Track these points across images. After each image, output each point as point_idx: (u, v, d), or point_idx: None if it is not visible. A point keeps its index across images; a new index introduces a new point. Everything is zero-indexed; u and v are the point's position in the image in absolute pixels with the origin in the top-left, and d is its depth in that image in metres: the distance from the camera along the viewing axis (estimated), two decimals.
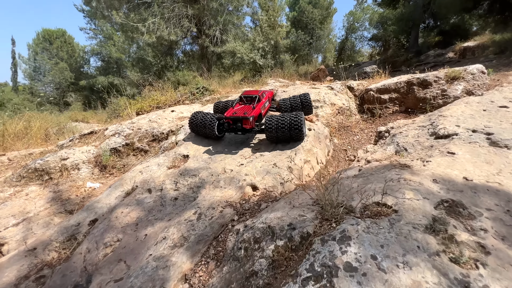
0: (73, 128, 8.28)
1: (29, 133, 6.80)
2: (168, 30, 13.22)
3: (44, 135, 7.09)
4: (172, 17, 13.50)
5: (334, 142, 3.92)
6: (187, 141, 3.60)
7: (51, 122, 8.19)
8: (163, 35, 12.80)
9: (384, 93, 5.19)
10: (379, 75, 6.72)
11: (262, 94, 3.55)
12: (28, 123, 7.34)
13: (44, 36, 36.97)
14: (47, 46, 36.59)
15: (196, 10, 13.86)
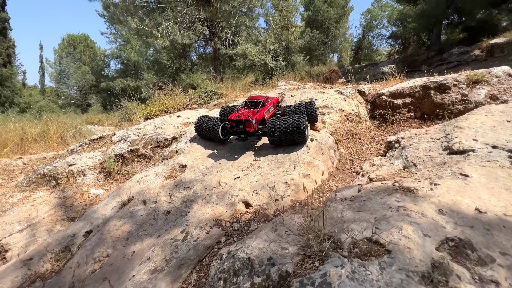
0: (87, 131, 8.57)
1: (45, 137, 7.08)
2: (181, 33, 13.40)
3: (60, 138, 7.37)
4: (185, 20, 13.67)
5: (340, 151, 3.71)
6: (188, 149, 3.54)
7: (67, 125, 8.53)
8: (176, 38, 12.99)
9: (398, 97, 4.87)
10: (394, 77, 6.36)
11: (267, 100, 3.57)
12: (46, 127, 7.66)
13: (68, 41, 38.99)
14: (71, 50, 38.56)
15: (208, 13, 13.95)
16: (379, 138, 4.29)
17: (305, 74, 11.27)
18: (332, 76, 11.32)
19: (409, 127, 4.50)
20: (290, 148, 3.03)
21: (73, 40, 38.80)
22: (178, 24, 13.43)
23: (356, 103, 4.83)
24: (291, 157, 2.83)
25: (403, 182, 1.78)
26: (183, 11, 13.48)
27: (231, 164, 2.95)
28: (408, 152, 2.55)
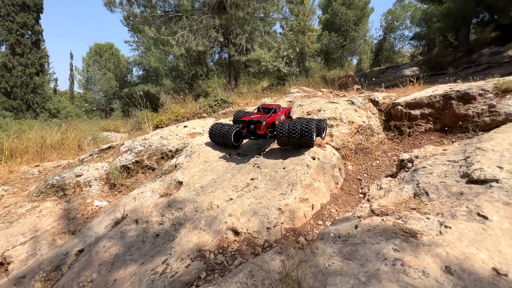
0: (103, 138, 8.88)
1: (64, 144, 7.39)
2: (196, 41, 13.64)
3: (77, 145, 7.66)
4: (200, 28, 13.91)
5: (347, 168, 3.44)
6: (186, 164, 3.46)
7: (84, 133, 8.89)
8: (191, 46, 13.25)
9: (415, 108, 4.49)
10: (412, 84, 5.92)
11: (278, 108, 3.79)
12: (65, 134, 8.01)
13: (95, 49, 41.41)
14: (98, 58, 40.90)
15: (223, 20, 14.10)
16: (393, 153, 3.95)
17: (319, 80, 10.95)
18: (348, 81, 10.91)
19: (428, 141, 4.12)
20: (291, 165, 2.84)
21: (100, 49, 41.15)
22: (193, 32, 13.71)
23: (368, 114, 4.51)
24: (290, 177, 2.63)
25: (407, 219, 1.53)
26: (198, 19, 13.75)
27: (227, 183, 2.81)
28: (420, 177, 2.26)
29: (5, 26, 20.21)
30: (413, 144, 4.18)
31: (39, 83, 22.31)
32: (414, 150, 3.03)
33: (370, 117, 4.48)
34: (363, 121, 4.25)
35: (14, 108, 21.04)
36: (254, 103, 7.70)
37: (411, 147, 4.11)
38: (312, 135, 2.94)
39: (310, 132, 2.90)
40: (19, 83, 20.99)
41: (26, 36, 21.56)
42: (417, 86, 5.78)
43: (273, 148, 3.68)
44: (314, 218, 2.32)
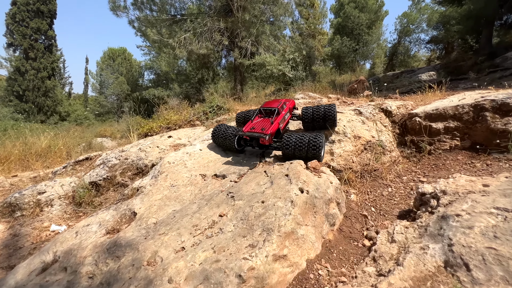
0: (97, 145, 8.49)
1: (51, 151, 6.99)
2: (200, 44, 13.25)
3: (66, 153, 7.25)
4: (204, 31, 13.52)
5: (349, 199, 2.70)
6: (150, 188, 2.83)
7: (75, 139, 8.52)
8: (193, 49, 12.85)
9: (437, 120, 3.69)
10: (433, 91, 5.09)
11: (282, 106, 3.46)
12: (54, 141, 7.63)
13: (109, 54, 42.35)
14: (111, 63, 41.77)
15: (229, 23, 13.66)
16: (409, 177, 3.16)
17: (327, 85, 10.19)
18: (358, 87, 10.09)
19: (454, 162, 3.31)
20: (272, 199, 2.15)
21: (113, 53, 42.03)
22: (197, 35, 13.33)
23: (378, 127, 3.75)
24: (267, 218, 1.94)
25: None
26: (202, 22, 13.37)
27: (187, 220, 2.15)
28: (454, 232, 1.51)
29: (19, 31, 20.73)
30: (435, 166, 3.37)
31: (51, 87, 22.70)
32: (439, 182, 2.26)
33: (381, 130, 3.71)
34: (372, 136, 3.49)
35: (26, 111, 21.41)
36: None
37: (433, 169, 3.32)
38: (320, 150, 2.73)
39: (318, 147, 2.71)
40: (31, 86, 21.40)
41: (39, 41, 22.04)
42: (437, 93, 4.95)
43: (277, 156, 3.17)
44: (294, 286, 1.61)
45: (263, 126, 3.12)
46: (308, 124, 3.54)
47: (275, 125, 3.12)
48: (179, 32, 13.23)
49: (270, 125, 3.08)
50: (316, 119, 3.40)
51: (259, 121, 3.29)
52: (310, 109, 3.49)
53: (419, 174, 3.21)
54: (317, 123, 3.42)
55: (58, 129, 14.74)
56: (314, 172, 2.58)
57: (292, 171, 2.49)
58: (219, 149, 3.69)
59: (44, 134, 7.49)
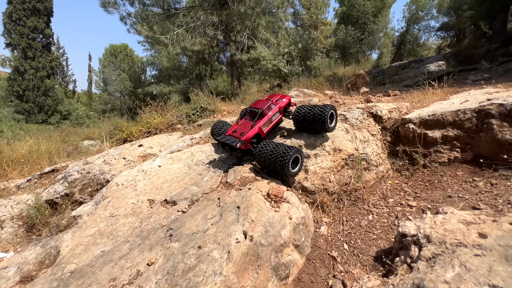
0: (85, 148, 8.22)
1: (33, 157, 6.72)
2: (193, 40, 12.72)
3: (48, 159, 6.98)
4: (197, 26, 12.95)
5: (318, 232, 2.24)
6: (87, 218, 2.45)
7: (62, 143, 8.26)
8: (186, 46, 12.34)
9: (434, 127, 3.15)
10: (433, 89, 4.48)
11: (268, 107, 3.10)
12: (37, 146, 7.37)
13: (110, 51, 42.15)
14: (113, 59, 41.60)
15: (224, 16, 13.04)
16: (396, 199, 2.67)
17: (323, 81, 9.56)
18: (358, 81, 9.43)
19: (452, 179, 2.79)
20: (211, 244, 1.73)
21: (115, 50, 41.80)
22: (190, 30, 12.79)
23: (364, 135, 3.24)
24: (195, 275, 1.52)
25: None
26: (195, 16, 12.78)
27: (107, 270, 1.75)
28: None
29: (16, 30, 20.60)
30: (429, 183, 2.86)
31: (50, 86, 22.68)
32: (425, 219, 1.78)
33: (367, 140, 3.20)
34: (356, 149, 2.99)
35: (26, 111, 21.51)
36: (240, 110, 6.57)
37: (426, 188, 2.81)
38: (287, 166, 2.41)
39: (284, 163, 2.41)
40: (31, 86, 21.41)
41: (37, 40, 21.91)
42: (439, 91, 4.35)
43: None
44: None
45: (243, 129, 2.96)
46: (299, 126, 3.10)
47: (254, 130, 2.88)
48: (172, 28, 12.70)
49: (250, 129, 2.88)
50: (307, 121, 2.92)
51: (244, 123, 3.09)
52: (302, 109, 2.99)
53: (408, 196, 2.71)
54: (308, 126, 2.95)
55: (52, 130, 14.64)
56: (273, 202, 2.12)
57: (244, 202, 2.04)
58: (184, 162, 3.27)
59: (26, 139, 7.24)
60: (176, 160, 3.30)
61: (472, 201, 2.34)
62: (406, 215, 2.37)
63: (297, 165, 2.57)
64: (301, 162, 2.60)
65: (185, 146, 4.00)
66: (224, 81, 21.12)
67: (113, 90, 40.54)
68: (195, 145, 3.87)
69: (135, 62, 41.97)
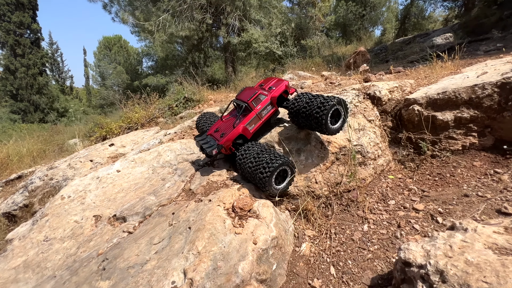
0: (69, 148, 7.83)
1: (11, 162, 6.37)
2: (180, 25, 11.92)
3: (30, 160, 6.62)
4: (184, 9, 12.09)
5: (298, 252, 1.77)
6: (18, 243, 2.01)
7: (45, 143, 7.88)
8: (173, 32, 11.57)
9: (445, 108, 2.58)
10: (442, 62, 3.84)
11: (256, 98, 2.42)
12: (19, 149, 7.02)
13: (104, 43, 41.07)
14: (108, 52, 40.62)
15: None
16: (399, 201, 2.16)
17: (320, 61, 8.84)
18: (357, 59, 8.67)
19: (468, 173, 2.26)
20: None
21: (108, 42, 40.69)
22: (176, 14, 11.95)
23: (360, 123, 2.69)
24: None
25: None
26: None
27: None
28: None
29: (2, 27, 19.91)
30: (439, 177, 2.34)
31: (43, 83, 22.22)
32: (437, 240, 1.28)
33: (363, 128, 2.65)
34: (348, 139, 2.46)
35: (22, 110, 21.22)
36: (231, 97, 6.00)
37: (436, 183, 2.29)
38: (266, 184, 1.89)
39: (265, 178, 1.88)
40: (24, 84, 20.98)
41: (25, 36, 21.22)
42: (448, 64, 3.70)
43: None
44: None
45: (226, 128, 2.46)
46: (294, 121, 2.42)
47: (236, 131, 2.35)
48: (156, 13, 11.89)
49: (231, 129, 2.36)
50: (301, 117, 2.25)
51: (229, 119, 2.60)
52: (301, 99, 2.30)
53: (414, 195, 2.20)
54: (303, 122, 2.27)
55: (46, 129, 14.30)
56: (237, 218, 1.64)
57: (197, 222, 1.57)
58: (148, 165, 2.80)
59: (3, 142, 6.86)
60: (139, 163, 2.83)
61: (497, 202, 1.82)
62: (411, 224, 1.87)
63: (284, 180, 2.02)
64: (291, 176, 2.03)
65: (156, 144, 3.52)
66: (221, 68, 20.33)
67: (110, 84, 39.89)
68: (167, 142, 3.38)
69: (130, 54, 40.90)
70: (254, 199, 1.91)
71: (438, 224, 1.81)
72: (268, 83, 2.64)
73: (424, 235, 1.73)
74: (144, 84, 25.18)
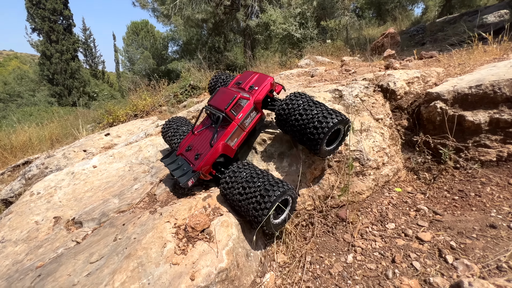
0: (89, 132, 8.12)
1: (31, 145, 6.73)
2: (197, 8, 11.53)
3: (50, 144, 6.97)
4: None
5: (260, 285, 1.47)
6: None
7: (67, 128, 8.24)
8: (189, 14, 11.25)
9: (478, 106, 2.00)
10: (485, 44, 3.08)
11: (236, 105, 1.88)
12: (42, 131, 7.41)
13: (132, 28, 42.09)
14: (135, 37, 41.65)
15: None
16: (400, 224, 1.72)
17: (342, 45, 8.00)
18: (385, 42, 7.72)
19: (501, 193, 1.74)
20: None
21: (136, 27, 41.59)
22: None
23: (364, 123, 2.21)
24: None
25: None
26: None
27: None
28: None
29: (38, 14, 21.07)
30: (460, 197, 1.84)
31: (75, 68, 23.47)
32: None
33: (367, 129, 2.18)
34: (345, 143, 2.02)
35: (58, 94, 22.76)
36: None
37: (454, 204, 1.80)
38: (263, 219, 1.45)
39: (261, 214, 1.46)
40: (58, 69, 22.34)
41: (58, 22, 22.31)
42: (493, 48, 2.95)
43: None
44: None
45: (201, 146, 1.92)
46: (282, 128, 1.95)
47: (215, 151, 1.83)
48: None
49: (208, 149, 1.84)
50: (291, 130, 1.82)
51: (203, 131, 2.02)
52: (294, 104, 1.81)
53: (422, 217, 1.74)
54: (293, 134, 1.84)
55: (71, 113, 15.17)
56: (184, 240, 1.37)
57: (134, 243, 1.32)
58: (127, 161, 2.63)
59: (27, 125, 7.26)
60: (118, 158, 2.66)
61: None
62: (410, 259, 1.45)
63: (283, 213, 1.61)
64: (291, 206, 1.62)
65: (144, 137, 3.35)
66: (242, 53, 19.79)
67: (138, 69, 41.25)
68: (153, 136, 3.18)
69: (157, 39, 41.56)
70: (218, 214, 1.62)
71: (446, 264, 1.38)
72: (247, 80, 2.10)
73: (424, 279, 1.31)
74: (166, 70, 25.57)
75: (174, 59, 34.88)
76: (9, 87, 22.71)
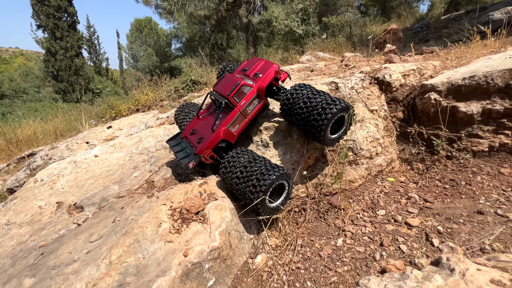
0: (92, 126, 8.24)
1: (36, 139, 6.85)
2: (200, 4, 11.56)
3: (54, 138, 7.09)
4: None
5: (251, 265, 1.52)
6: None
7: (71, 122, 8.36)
8: (192, 10, 11.29)
9: (471, 97, 2.03)
10: (482, 39, 3.08)
11: (239, 92, 1.91)
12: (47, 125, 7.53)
13: (136, 26, 42.18)
14: (139, 35, 41.75)
15: None
16: (391, 210, 1.76)
17: (344, 41, 7.99)
18: (387, 38, 7.68)
19: (491, 182, 1.78)
20: None
21: (139, 25, 41.68)
22: None
23: (359, 112, 2.25)
24: None
25: None
26: None
27: None
28: None
29: (43, 11, 21.24)
30: (451, 185, 1.87)
31: (80, 65, 23.65)
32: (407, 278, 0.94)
33: (361, 120, 2.21)
34: None
35: (62, 90, 22.99)
36: None
37: (445, 192, 1.84)
38: (260, 200, 1.50)
39: (257, 195, 1.51)
40: (63, 66, 22.54)
41: (62, 20, 22.47)
42: (492, 41, 2.96)
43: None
44: None
45: (204, 130, 1.98)
46: (287, 118, 1.98)
47: (216, 136, 1.87)
48: None
49: (210, 133, 1.89)
50: (295, 118, 1.84)
51: (207, 117, 2.09)
52: (299, 93, 1.83)
53: (413, 205, 1.78)
54: (297, 124, 1.86)
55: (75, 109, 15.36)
56: (179, 221, 1.43)
57: (131, 223, 1.39)
58: (127, 151, 2.70)
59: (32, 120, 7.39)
60: (118, 148, 2.73)
61: None
62: (398, 243, 1.50)
63: (281, 195, 1.66)
64: (288, 192, 1.67)
65: (144, 129, 3.42)
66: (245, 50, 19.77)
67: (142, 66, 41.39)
68: (153, 128, 3.25)
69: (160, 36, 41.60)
70: (213, 199, 1.68)
71: (432, 247, 1.42)
72: (253, 66, 2.12)
73: (410, 261, 1.36)
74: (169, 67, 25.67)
75: (177, 56, 34.91)
76: (14, 83, 23.01)
